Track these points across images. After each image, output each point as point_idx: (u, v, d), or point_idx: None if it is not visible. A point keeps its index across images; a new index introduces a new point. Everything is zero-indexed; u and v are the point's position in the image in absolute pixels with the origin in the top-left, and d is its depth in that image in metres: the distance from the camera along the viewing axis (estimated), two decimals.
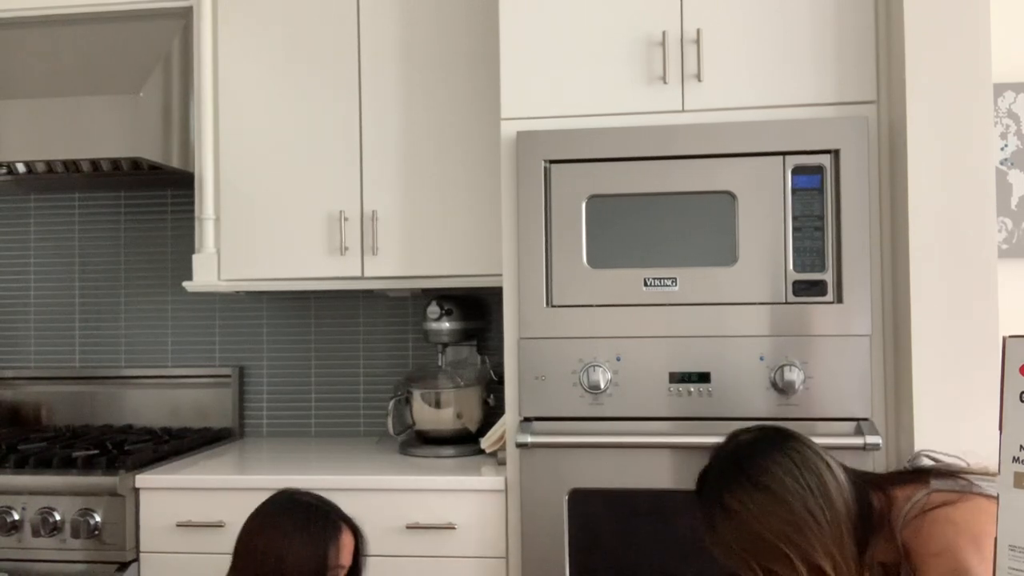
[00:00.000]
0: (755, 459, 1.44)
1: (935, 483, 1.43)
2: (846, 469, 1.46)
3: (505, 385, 2.24)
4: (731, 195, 2.13)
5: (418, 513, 2.22)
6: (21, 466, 2.34)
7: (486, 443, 2.42)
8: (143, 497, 2.30)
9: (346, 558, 1.75)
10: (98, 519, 2.25)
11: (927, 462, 1.55)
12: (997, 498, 1.37)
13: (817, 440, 2.00)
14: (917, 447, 1.99)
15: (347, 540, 1.76)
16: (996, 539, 1.06)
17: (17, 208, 3.09)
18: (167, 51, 2.60)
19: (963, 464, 1.51)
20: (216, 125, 2.63)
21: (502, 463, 2.34)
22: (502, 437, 2.35)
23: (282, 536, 1.69)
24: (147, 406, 2.96)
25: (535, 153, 2.19)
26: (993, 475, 1.45)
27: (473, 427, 2.60)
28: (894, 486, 1.47)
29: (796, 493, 1.39)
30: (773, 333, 2.10)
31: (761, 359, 2.10)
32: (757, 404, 2.10)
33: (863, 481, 1.47)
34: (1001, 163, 2.61)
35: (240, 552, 1.73)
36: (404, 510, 2.22)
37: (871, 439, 2.00)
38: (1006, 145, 2.61)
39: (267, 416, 2.96)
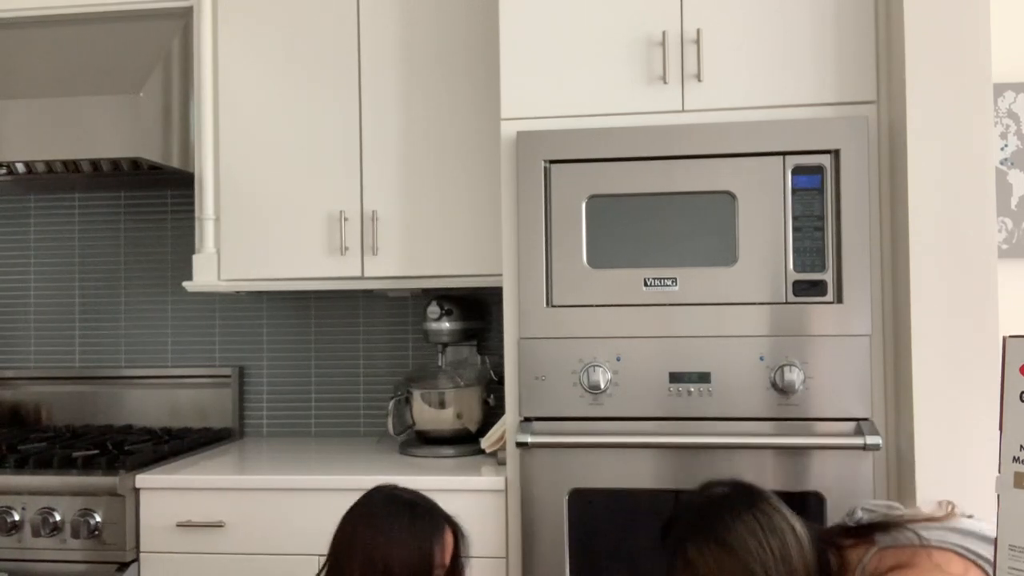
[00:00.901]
0: (723, 516, 1.45)
1: (880, 539, 1.44)
2: (809, 531, 1.47)
3: (505, 385, 2.24)
4: (731, 195, 2.13)
5: None
6: (21, 466, 2.34)
7: (486, 443, 2.42)
8: (143, 497, 2.30)
9: (448, 558, 1.72)
10: (98, 519, 2.25)
11: (864, 515, 1.55)
12: (948, 548, 1.39)
13: (817, 440, 2.03)
14: (917, 447, 1.99)
15: (449, 540, 1.72)
16: (996, 539, 1.06)
17: (17, 208, 3.09)
18: (167, 51, 2.60)
19: (898, 512, 1.51)
20: (216, 125, 2.63)
21: (502, 463, 2.34)
22: (502, 437, 2.36)
23: (389, 535, 1.65)
24: (147, 406, 2.96)
25: (535, 153, 2.19)
26: (927, 519, 1.46)
27: (473, 427, 2.60)
28: (845, 546, 1.48)
29: (757, 556, 1.40)
30: (773, 333, 2.10)
31: (761, 359, 2.10)
32: (757, 404, 2.10)
33: (822, 542, 1.48)
34: (1001, 163, 2.61)
35: (342, 551, 1.67)
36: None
37: (871, 439, 2.00)
38: (1006, 145, 2.62)
39: (267, 416, 2.96)
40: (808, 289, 2.11)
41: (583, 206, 2.17)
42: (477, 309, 2.72)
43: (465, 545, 1.77)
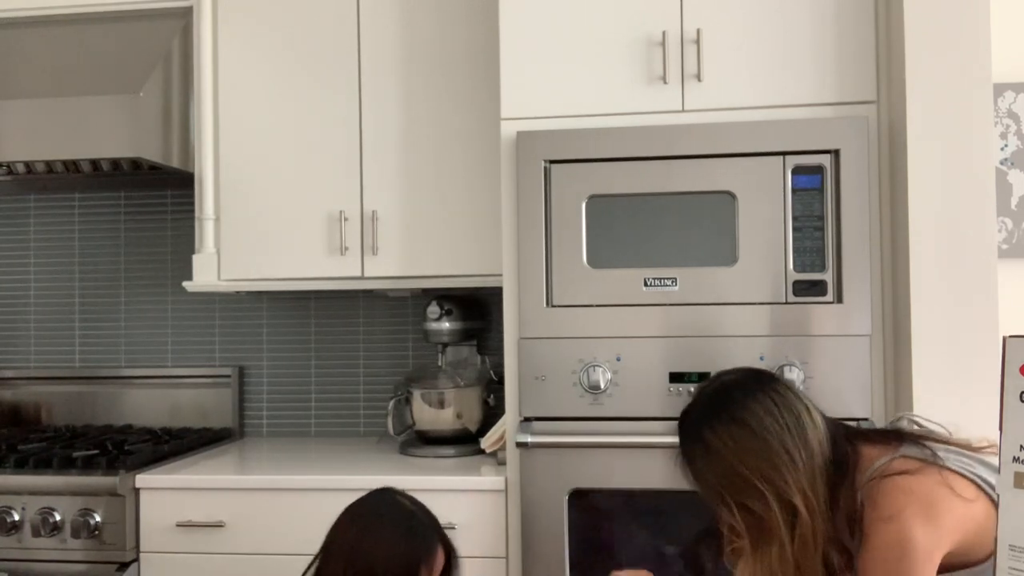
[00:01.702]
0: (736, 397, 1.46)
1: (904, 448, 1.45)
2: (824, 416, 1.49)
3: (505, 385, 2.24)
4: (731, 195, 2.13)
5: None
6: (21, 466, 2.33)
7: (486, 443, 2.42)
8: (143, 497, 2.30)
9: None
10: (98, 519, 2.25)
11: (908, 425, 1.57)
12: (965, 474, 1.41)
13: None
14: None
15: (440, 560, 1.69)
16: (996, 539, 1.06)
17: (17, 208, 3.09)
18: (167, 51, 2.60)
19: (944, 433, 1.52)
20: (216, 125, 2.63)
21: (502, 463, 2.34)
22: (502, 437, 2.36)
23: (381, 538, 1.64)
24: (147, 406, 2.96)
25: (535, 153, 2.19)
26: (976, 449, 1.47)
27: (473, 427, 2.60)
28: (865, 443, 1.49)
29: (774, 431, 1.41)
30: (773, 333, 2.10)
31: (761, 359, 2.10)
32: None
33: (838, 430, 1.49)
34: (1001, 163, 2.61)
35: (334, 544, 1.67)
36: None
37: None
38: (1006, 145, 2.62)
39: (267, 416, 2.96)
40: (808, 289, 2.11)
41: (583, 206, 2.17)
42: (477, 309, 2.72)
43: (456, 570, 1.75)
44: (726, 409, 1.45)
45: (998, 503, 1.37)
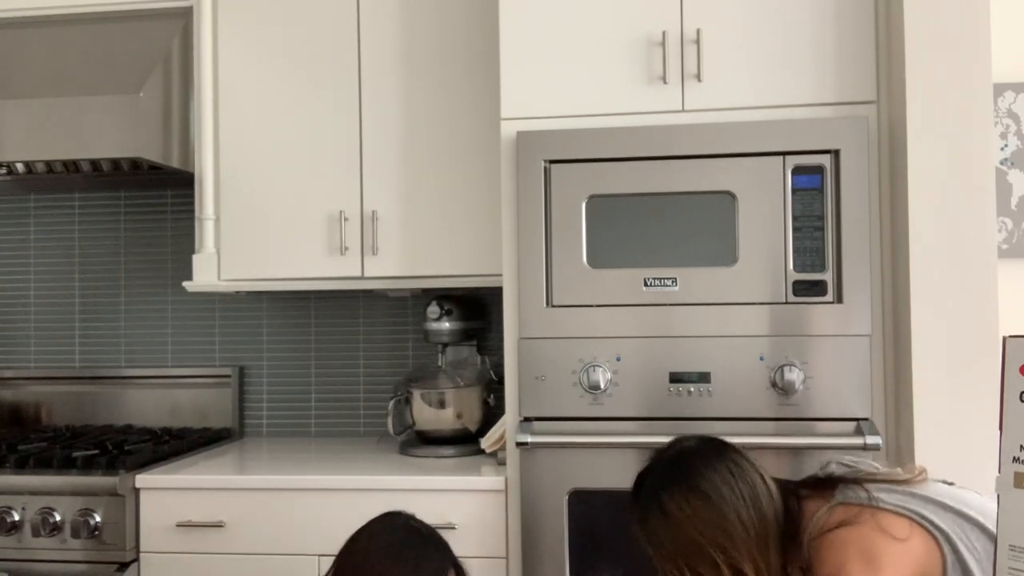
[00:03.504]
0: (696, 465, 1.50)
1: (840, 494, 1.49)
2: (776, 481, 1.53)
3: (505, 385, 2.24)
4: (731, 195, 2.13)
5: (418, 513, 2.21)
6: (21, 466, 2.34)
7: (486, 443, 2.42)
8: (143, 497, 2.30)
9: None
10: (98, 519, 2.25)
11: (836, 468, 1.60)
12: (900, 511, 1.43)
13: (817, 440, 2.03)
14: (917, 447, 1.99)
15: None
16: (996, 539, 1.06)
17: (17, 208, 3.09)
18: (167, 51, 2.60)
19: (867, 470, 1.55)
20: (216, 125, 2.63)
21: (502, 463, 2.34)
22: (502, 437, 2.36)
23: (393, 563, 1.60)
24: (147, 406, 2.96)
25: (535, 153, 2.19)
26: (890, 481, 1.50)
27: (473, 427, 2.60)
28: (806, 498, 1.54)
29: (730, 501, 1.46)
30: (773, 333, 2.10)
31: (761, 359, 2.10)
32: (757, 404, 2.10)
33: (785, 490, 1.54)
34: (1001, 163, 2.61)
35: (344, 568, 1.63)
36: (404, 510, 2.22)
37: (871, 439, 2.00)
38: (1006, 145, 2.62)
39: (267, 416, 2.96)
40: (808, 289, 2.11)
41: (583, 206, 2.17)
42: (477, 309, 2.72)
43: None
44: (685, 477, 1.49)
45: (934, 533, 1.42)
